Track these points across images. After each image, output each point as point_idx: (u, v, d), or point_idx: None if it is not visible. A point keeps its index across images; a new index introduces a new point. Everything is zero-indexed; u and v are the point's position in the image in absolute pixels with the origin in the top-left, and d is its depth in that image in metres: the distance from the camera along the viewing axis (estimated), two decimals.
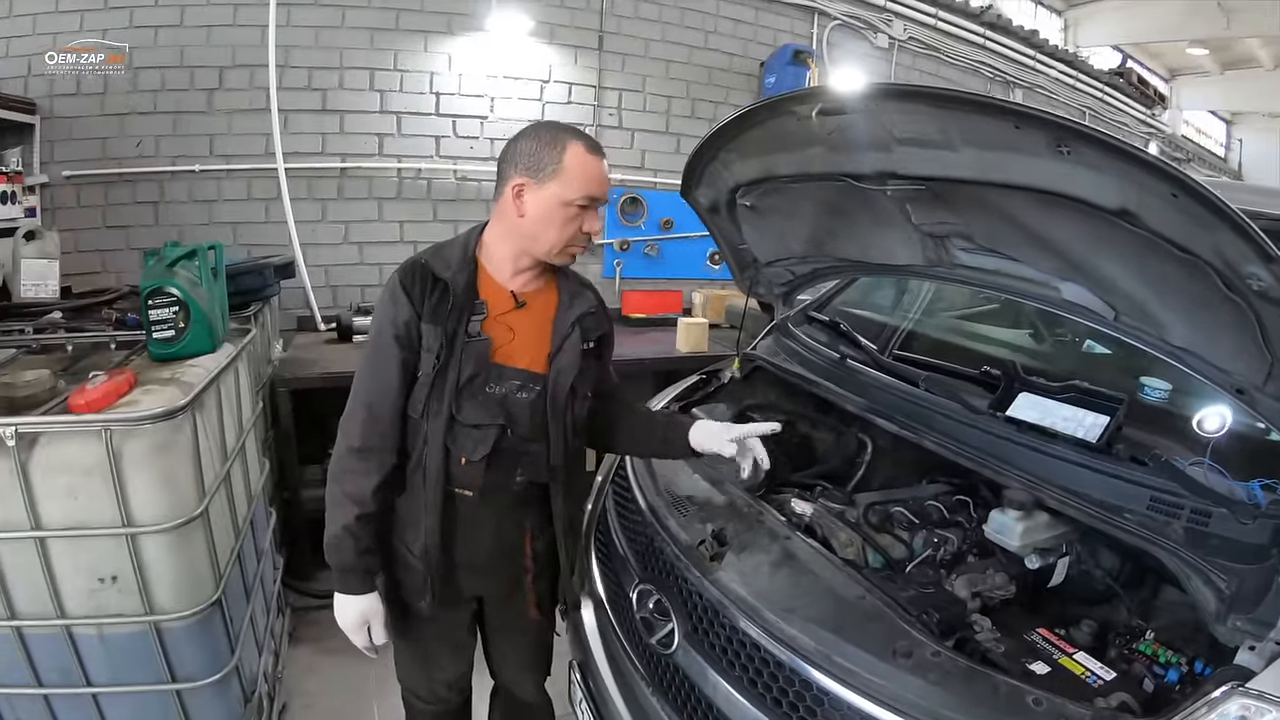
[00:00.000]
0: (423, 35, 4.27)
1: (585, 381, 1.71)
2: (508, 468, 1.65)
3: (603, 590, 1.98)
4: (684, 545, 1.66)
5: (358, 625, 1.65)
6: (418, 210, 4.41)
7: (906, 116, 1.55)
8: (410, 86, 4.29)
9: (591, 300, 1.73)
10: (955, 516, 1.78)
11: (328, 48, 4.13)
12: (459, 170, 4.44)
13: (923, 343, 2.62)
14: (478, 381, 1.58)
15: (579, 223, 1.56)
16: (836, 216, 2.14)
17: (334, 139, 4.19)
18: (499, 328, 1.61)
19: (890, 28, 5.46)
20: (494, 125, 4.46)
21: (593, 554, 2.10)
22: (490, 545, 1.71)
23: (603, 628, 1.92)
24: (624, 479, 2.07)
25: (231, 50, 4.00)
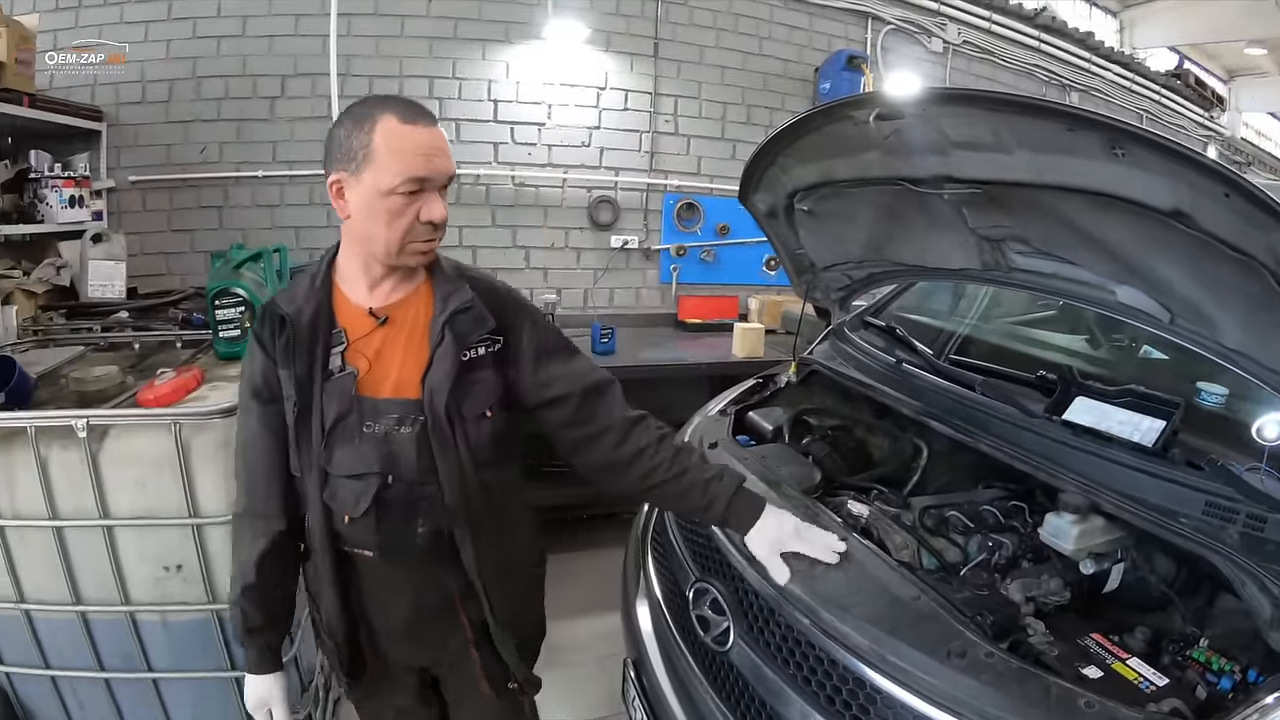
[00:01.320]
0: (481, 44, 4.29)
1: (475, 399, 1.38)
2: (404, 519, 1.38)
3: (659, 589, 1.97)
4: (740, 545, 1.61)
5: (254, 707, 1.52)
6: (476, 215, 4.41)
7: (961, 120, 1.55)
8: (468, 94, 4.31)
9: (466, 295, 1.38)
10: (1010, 521, 1.76)
11: (387, 56, 4.18)
12: (517, 176, 4.43)
13: (979, 348, 2.58)
14: (349, 423, 1.35)
15: (413, 212, 1.27)
16: (893, 220, 2.13)
17: None
18: (364, 355, 1.38)
19: (944, 32, 5.39)
20: (551, 132, 4.46)
21: (649, 553, 2.08)
22: (409, 611, 1.47)
23: (658, 626, 1.93)
24: None
25: (293, 60, 4.07)
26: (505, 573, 1.48)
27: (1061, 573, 1.55)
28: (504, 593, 1.46)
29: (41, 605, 2.12)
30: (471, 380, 1.38)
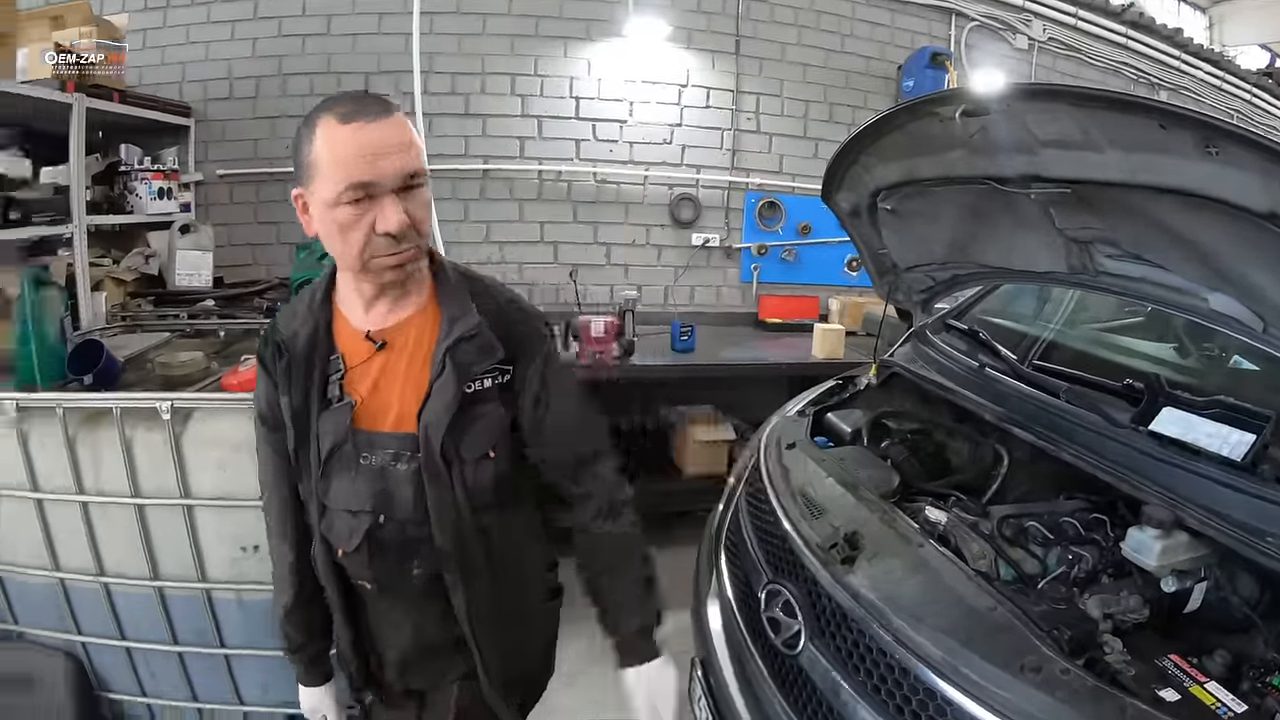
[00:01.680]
0: (562, 41, 4.25)
1: (477, 438, 1.25)
2: (398, 559, 1.30)
3: (730, 589, 1.94)
4: (816, 546, 1.62)
5: (309, 713, 1.55)
6: (558, 211, 4.37)
7: (1050, 117, 1.51)
8: (550, 91, 4.28)
9: (472, 320, 1.24)
10: (1091, 534, 1.68)
11: (470, 54, 4.18)
12: (598, 173, 4.37)
13: (1063, 353, 2.50)
14: (344, 454, 1.26)
15: (366, 223, 1.11)
16: (978, 221, 2.09)
17: (476, 142, 4.24)
18: (363, 383, 1.26)
19: (1029, 28, 5.22)
20: (633, 129, 4.39)
21: (722, 552, 2.06)
22: (410, 642, 1.40)
23: (728, 626, 1.89)
24: (758, 479, 2.02)
25: (377, 58, 4.11)
26: (498, 619, 1.36)
27: (1141, 590, 1.49)
28: (495, 639, 1.36)
29: (120, 579, 2.21)
30: (474, 416, 1.25)
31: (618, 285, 4.39)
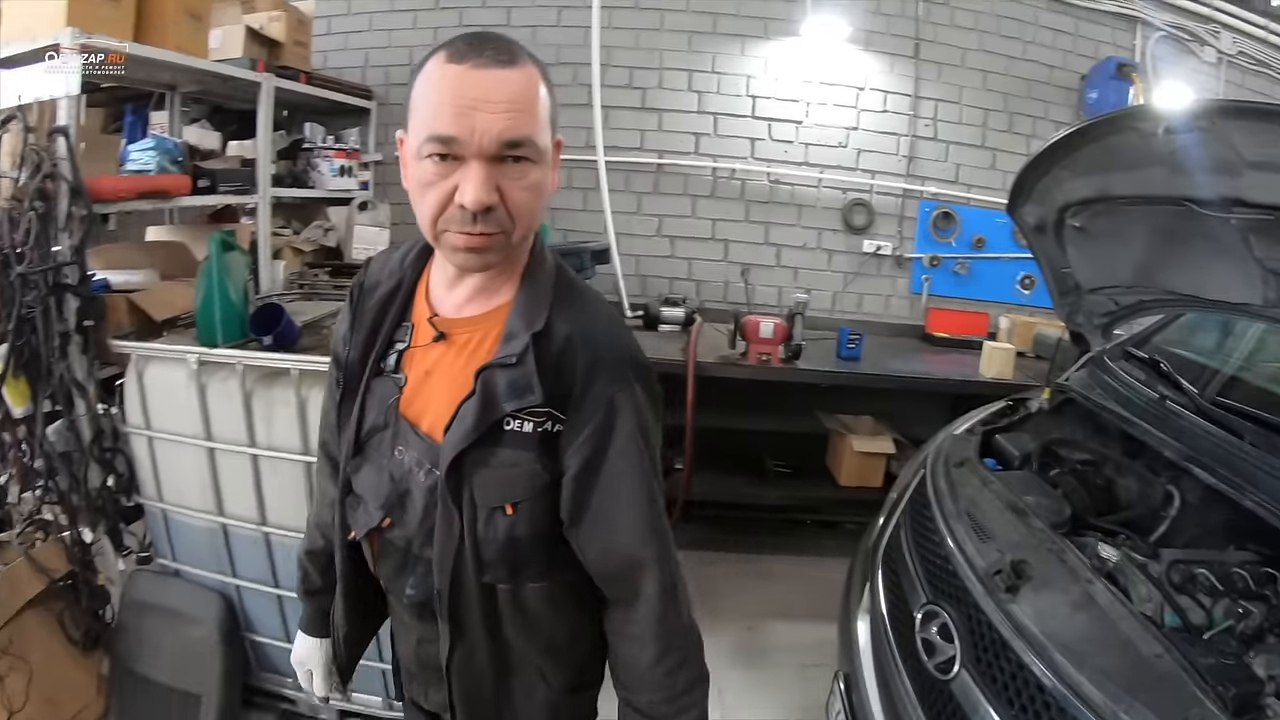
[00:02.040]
0: (740, 39, 4.19)
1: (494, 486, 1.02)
2: (398, 570, 1.14)
3: (884, 605, 1.88)
4: (980, 571, 1.55)
5: (296, 663, 1.44)
6: (730, 210, 4.28)
7: (1260, 138, 1.42)
8: (727, 89, 4.21)
9: (520, 344, 0.99)
10: (1262, 589, 1.57)
11: (648, 49, 4.16)
12: (772, 173, 4.26)
13: (1248, 391, 2.31)
14: (382, 439, 1.10)
15: (443, 187, 0.90)
16: (1171, 244, 2.01)
17: (652, 136, 4.22)
18: (418, 367, 1.09)
19: (1217, 40, 4.91)
20: (809, 131, 4.27)
21: (879, 567, 2.00)
22: (413, 654, 1.24)
23: (877, 643, 1.84)
24: (924, 495, 1.97)
25: (556, 49, 4.11)
26: (481, 688, 1.15)
27: None
28: (473, 707, 1.16)
29: (280, 530, 2.36)
30: (500, 459, 1.01)
31: (786, 287, 4.27)
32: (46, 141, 2.39)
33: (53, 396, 2.46)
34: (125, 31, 2.65)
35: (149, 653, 2.58)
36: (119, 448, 2.61)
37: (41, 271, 2.33)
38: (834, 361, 3.61)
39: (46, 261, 2.34)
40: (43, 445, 2.49)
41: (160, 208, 3.15)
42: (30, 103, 2.43)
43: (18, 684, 2.36)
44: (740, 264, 4.17)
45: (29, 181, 2.34)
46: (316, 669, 1.41)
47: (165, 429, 2.50)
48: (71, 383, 2.44)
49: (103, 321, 2.51)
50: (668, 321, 3.93)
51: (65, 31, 2.36)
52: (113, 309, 2.59)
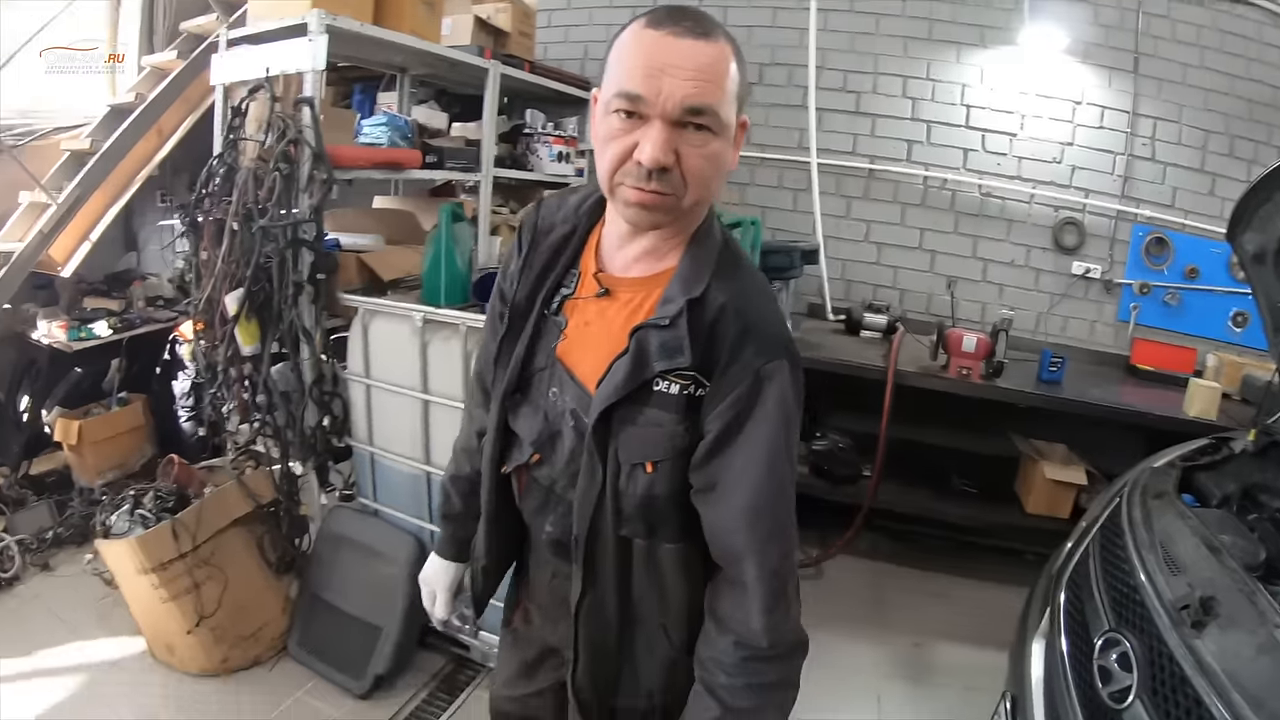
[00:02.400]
0: (955, 46, 4.12)
1: (637, 443, 1.05)
2: (539, 507, 1.20)
3: (1063, 630, 1.84)
4: (1168, 604, 1.51)
5: (421, 581, 1.51)
6: (939, 220, 4.22)
7: None
8: (941, 96, 4.15)
9: (675, 307, 1.01)
10: None
11: (862, 53, 4.15)
12: (984, 186, 4.16)
13: None
14: (540, 379, 1.15)
15: (624, 142, 0.95)
16: None
17: (864, 140, 4.20)
18: (578, 315, 1.12)
19: None
20: (1023, 144, 4.14)
21: (1062, 591, 1.97)
22: (546, 585, 1.29)
23: (1050, 667, 1.82)
24: (1117, 524, 1.93)
25: (771, 50, 4.19)
26: (606, 638, 1.18)
27: None
28: (596, 654, 1.19)
29: None
30: (645, 418, 1.04)
31: (990, 303, 4.16)
32: (292, 110, 2.62)
33: (280, 340, 2.72)
34: (365, 15, 2.89)
35: (338, 582, 2.82)
36: (337, 392, 2.85)
37: (282, 226, 2.57)
38: (1034, 383, 3.51)
39: (287, 218, 2.58)
40: (266, 383, 2.75)
41: (389, 179, 3.34)
42: (277, 75, 2.65)
43: (212, 592, 2.66)
44: (946, 276, 4.10)
45: (275, 145, 2.58)
46: (441, 591, 1.47)
47: (384, 379, 2.74)
48: (300, 329, 2.68)
49: (333, 276, 2.76)
50: (869, 328, 3.93)
51: (313, 13, 2.58)
52: (343, 266, 2.84)
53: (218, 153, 2.86)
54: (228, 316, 2.73)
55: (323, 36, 2.58)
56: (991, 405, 3.54)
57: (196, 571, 2.63)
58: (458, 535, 1.45)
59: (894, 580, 3.63)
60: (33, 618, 3.05)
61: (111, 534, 2.67)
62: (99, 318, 4.01)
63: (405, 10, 3.04)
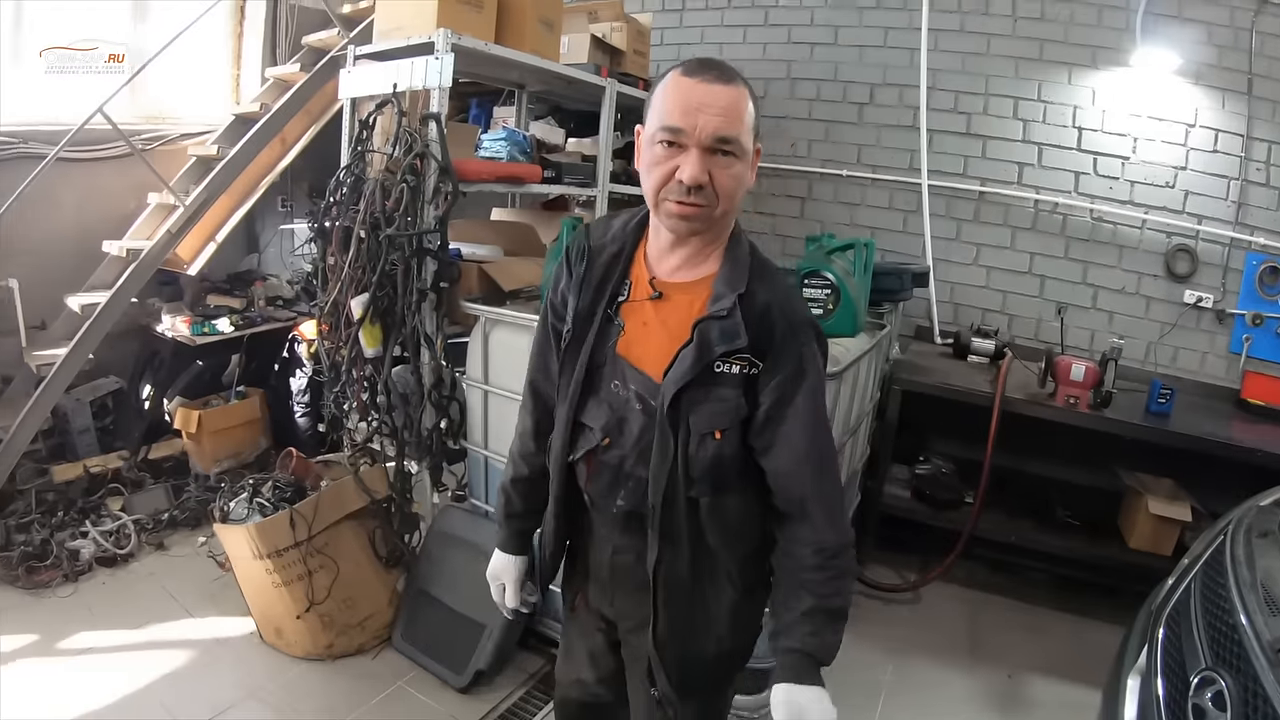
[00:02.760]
0: (1066, 67, 4.03)
1: (706, 416, 1.27)
2: (610, 485, 1.38)
3: (1160, 667, 1.83)
4: (1266, 644, 1.49)
5: (491, 577, 1.65)
6: (1049, 245, 4.13)
7: None
8: (1052, 119, 4.07)
9: (728, 302, 1.24)
10: None
11: (973, 74, 4.11)
12: (1095, 210, 4.06)
13: None
14: (602, 374, 1.35)
15: (667, 166, 1.19)
16: None
17: (975, 162, 4.15)
18: (635, 317, 1.34)
19: None
20: (1135, 168, 4.02)
21: (1160, 628, 1.95)
22: (607, 563, 1.47)
23: (1144, 705, 1.81)
24: (1220, 562, 1.90)
25: (882, 70, 4.18)
26: (681, 591, 1.38)
27: None
28: (676, 608, 1.38)
29: None
30: (711, 395, 1.27)
31: (1099, 331, 4.06)
32: (419, 125, 2.71)
33: (402, 344, 2.82)
34: (487, 34, 2.95)
35: (446, 579, 2.89)
36: (454, 396, 2.93)
37: (408, 236, 2.67)
38: (1142, 415, 3.42)
39: (413, 228, 2.68)
40: (387, 385, 2.84)
41: (507, 192, 3.41)
42: (403, 91, 2.75)
43: (323, 581, 2.76)
44: (1055, 302, 4.02)
45: (402, 158, 2.68)
46: (510, 583, 1.63)
47: (502, 386, 2.79)
48: (422, 334, 2.78)
49: (455, 285, 2.85)
50: (977, 353, 3.89)
51: (439, 32, 2.67)
52: (465, 275, 2.92)
53: (346, 164, 2.97)
54: (353, 319, 2.83)
55: (449, 55, 2.67)
56: (1097, 436, 3.46)
57: (310, 560, 2.74)
58: (520, 531, 1.63)
59: (990, 610, 3.56)
60: (146, 594, 3.21)
61: (230, 519, 2.81)
62: (222, 315, 4.21)
63: (526, 30, 3.11)
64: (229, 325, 4.17)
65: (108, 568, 3.35)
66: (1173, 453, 3.45)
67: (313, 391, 4.04)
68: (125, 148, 3.98)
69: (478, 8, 2.90)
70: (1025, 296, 4.16)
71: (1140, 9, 3.84)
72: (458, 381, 2.94)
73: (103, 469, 3.85)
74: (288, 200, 4.96)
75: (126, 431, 4.22)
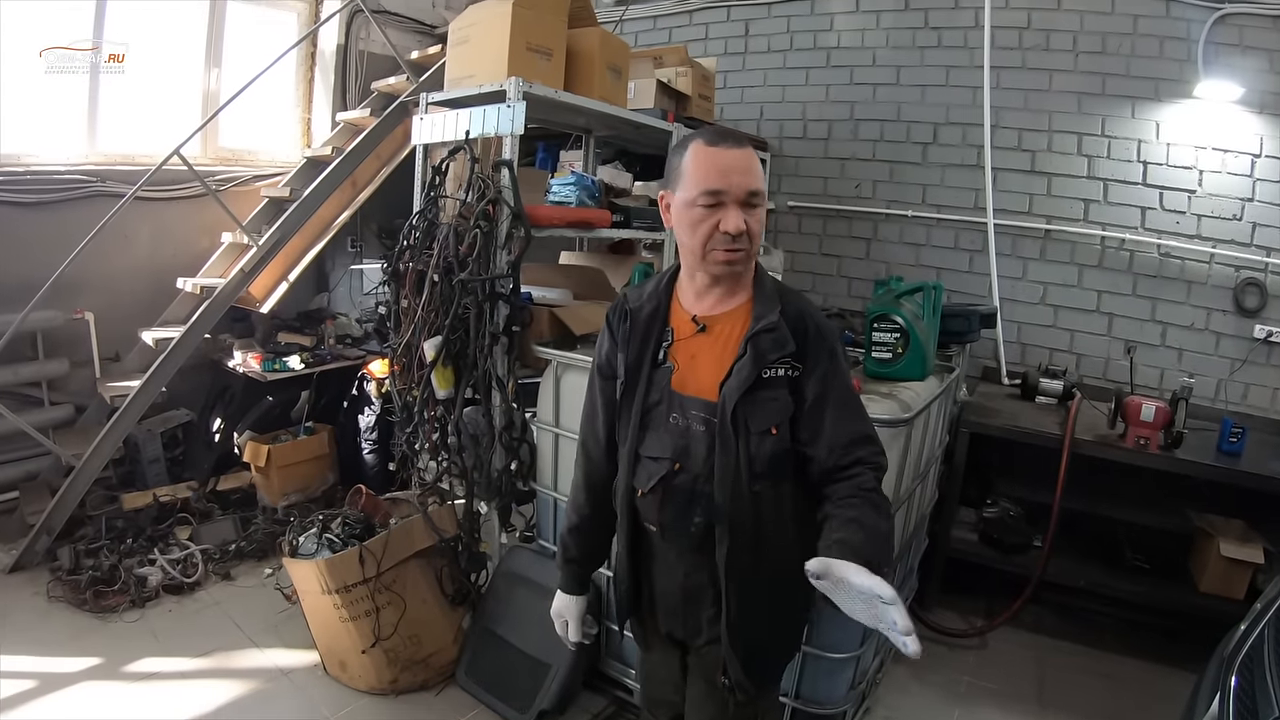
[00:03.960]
0: (1129, 101, 3.96)
1: (762, 415, 1.44)
2: (684, 507, 1.51)
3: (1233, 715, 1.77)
4: None
5: (554, 615, 1.80)
6: (1116, 282, 4.04)
7: None
8: (1117, 153, 3.99)
9: (773, 317, 1.45)
10: None
11: (1036, 110, 4.06)
12: (1162, 245, 3.96)
13: None
14: (660, 410, 1.52)
15: (711, 222, 1.40)
16: None
17: (1040, 200, 4.10)
18: (683, 354, 1.52)
19: None
20: (1201, 201, 3.92)
21: (1233, 674, 1.89)
22: (677, 587, 1.60)
23: None
24: None
25: (945, 109, 4.17)
26: (752, 577, 1.50)
27: None
28: (744, 596, 1.50)
29: None
30: (764, 397, 1.44)
31: (1169, 369, 3.96)
32: (492, 171, 2.74)
33: (474, 386, 2.83)
34: (557, 81, 2.97)
35: (512, 618, 2.89)
36: (524, 438, 2.93)
37: (481, 280, 2.70)
38: (1213, 454, 3.31)
39: (486, 272, 2.71)
40: (458, 426, 2.86)
41: (577, 236, 3.42)
42: (476, 137, 2.77)
43: (390, 617, 2.78)
44: (1124, 339, 3.94)
45: (475, 204, 2.70)
46: (572, 620, 1.78)
47: (572, 429, 2.70)
48: (494, 377, 2.79)
49: (527, 329, 2.87)
50: (1045, 393, 3.82)
51: (511, 80, 2.69)
52: (536, 319, 2.94)
53: (418, 209, 3.00)
54: (425, 361, 2.84)
55: (521, 103, 2.69)
56: (1166, 476, 3.37)
57: (377, 596, 2.75)
58: (580, 574, 1.79)
59: (1058, 656, 3.45)
60: (212, 622, 3.25)
61: (299, 553, 2.83)
62: (293, 352, 4.28)
63: (595, 76, 3.14)
64: (300, 363, 4.24)
65: (174, 595, 3.40)
66: (1244, 493, 3.35)
67: (380, 429, 4.08)
68: (199, 187, 4.09)
69: (547, 56, 2.93)
70: (1093, 335, 4.07)
71: (1201, 39, 3.78)
72: (528, 424, 2.94)
73: (172, 498, 3.93)
74: (357, 241, 5.04)
75: (195, 463, 4.31)
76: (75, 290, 3.93)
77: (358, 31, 4.77)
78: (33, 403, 4.05)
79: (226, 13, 4.61)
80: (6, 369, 3.81)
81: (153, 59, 4.40)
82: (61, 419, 4.12)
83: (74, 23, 4.06)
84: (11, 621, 3.14)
